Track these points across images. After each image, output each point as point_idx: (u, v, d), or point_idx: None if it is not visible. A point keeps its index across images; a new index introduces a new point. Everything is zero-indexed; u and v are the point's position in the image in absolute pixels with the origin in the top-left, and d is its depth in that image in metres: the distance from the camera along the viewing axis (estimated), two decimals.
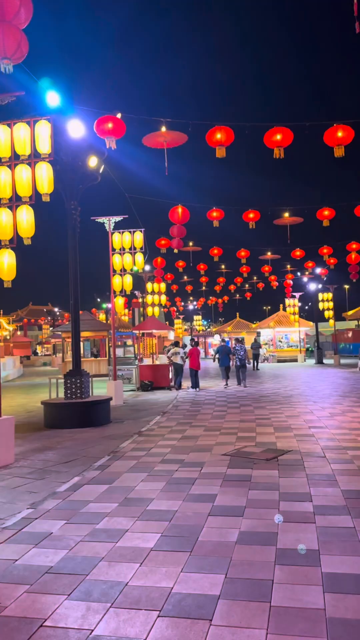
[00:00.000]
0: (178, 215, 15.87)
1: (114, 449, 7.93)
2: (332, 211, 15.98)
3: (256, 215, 16.08)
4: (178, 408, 13.05)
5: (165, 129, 10.04)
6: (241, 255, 23.26)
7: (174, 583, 3.45)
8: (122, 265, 14.51)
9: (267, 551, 3.90)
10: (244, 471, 6.30)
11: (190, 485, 5.76)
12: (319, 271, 31.80)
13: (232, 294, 47.79)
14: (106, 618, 3.05)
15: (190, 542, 4.14)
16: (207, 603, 3.17)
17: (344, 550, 3.88)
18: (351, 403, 12.72)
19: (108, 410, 10.74)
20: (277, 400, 14.03)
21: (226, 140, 9.69)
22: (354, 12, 5.42)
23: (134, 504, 5.17)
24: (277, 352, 38.88)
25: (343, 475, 5.99)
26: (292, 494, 5.31)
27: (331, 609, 3.06)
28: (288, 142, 9.72)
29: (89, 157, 10.64)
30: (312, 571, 3.55)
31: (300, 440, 8.22)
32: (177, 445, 8.08)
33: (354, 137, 9.64)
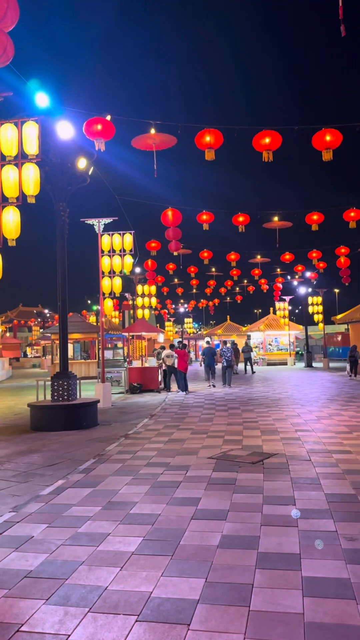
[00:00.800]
0: (169, 218, 15.87)
1: (100, 452, 7.88)
2: (320, 215, 16.06)
3: (246, 219, 16.12)
4: (166, 411, 13.03)
5: (154, 131, 10.04)
6: (231, 258, 23.31)
7: (153, 587, 3.43)
8: (111, 268, 14.48)
9: (249, 555, 3.89)
10: (229, 474, 6.29)
11: (174, 488, 5.74)
12: (309, 275, 31.94)
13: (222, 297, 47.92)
14: (84, 623, 3.02)
15: (172, 546, 4.12)
16: (186, 607, 3.15)
17: (325, 554, 3.88)
18: (338, 406, 12.77)
19: (95, 413, 10.68)
20: (266, 403, 14.05)
21: (215, 143, 9.71)
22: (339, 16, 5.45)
23: (117, 507, 5.14)
24: (267, 355, 38.94)
25: (327, 479, 6.00)
26: (276, 498, 5.31)
27: (310, 613, 3.05)
28: (277, 145, 9.76)
29: (78, 159, 10.61)
30: (293, 575, 3.54)
31: (286, 443, 8.23)
32: (164, 449, 8.05)
33: (342, 141, 9.69)
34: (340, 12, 5.45)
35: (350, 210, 15.48)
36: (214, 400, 15.25)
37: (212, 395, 16.84)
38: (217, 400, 15.05)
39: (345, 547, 3.99)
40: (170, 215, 15.21)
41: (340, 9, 5.44)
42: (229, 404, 14.03)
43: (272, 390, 17.84)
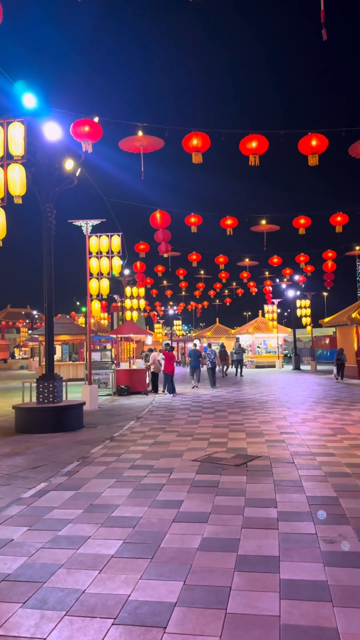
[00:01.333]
0: (157, 220, 15.88)
1: (84, 455, 7.86)
2: (308, 219, 16.16)
3: (234, 222, 16.17)
4: (153, 413, 13.01)
5: (141, 134, 10.05)
6: (219, 261, 23.37)
7: (131, 590, 3.42)
8: (99, 269, 14.45)
9: (228, 558, 3.90)
10: (212, 477, 6.30)
11: (157, 491, 5.74)
12: (297, 278, 32.11)
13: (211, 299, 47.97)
14: (60, 626, 3.01)
15: (152, 548, 4.11)
16: (163, 610, 3.15)
17: (304, 557, 3.90)
18: (324, 409, 12.85)
19: (81, 415, 10.64)
20: (252, 406, 14.09)
21: (202, 146, 9.74)
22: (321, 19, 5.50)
23: (98, 510, 5.12)
24: (256, 357, 39.06)
25: (309, 481, 6.03)
26: (258, 500, 5.32)
27: (286, 615, 3.06)
28: (263, 149, 9.81)
29: (66, 160, 10.59)
30: (271, 578, 3.56)
31: (270, 446, 8.26)
32: (148, 451, 8.04)
33: (327, 146, 9.77)
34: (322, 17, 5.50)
35: (336, 215, 15.60)
36: (201, 402, 15.26)
37: (199, 397, 16.85)
38: (205, 403, 15.06)
39: (325, 550, 4.01)
40: (158, 218, 15.23)
41: (322, 13, 5.49)
42: (216, 406, 14.05)
43: (260, 393, 17.90)
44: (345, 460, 7.11)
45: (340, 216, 15.58)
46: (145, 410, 13.66)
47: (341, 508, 5.02)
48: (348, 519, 4.70)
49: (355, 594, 3.32)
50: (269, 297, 37.05)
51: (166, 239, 16.52)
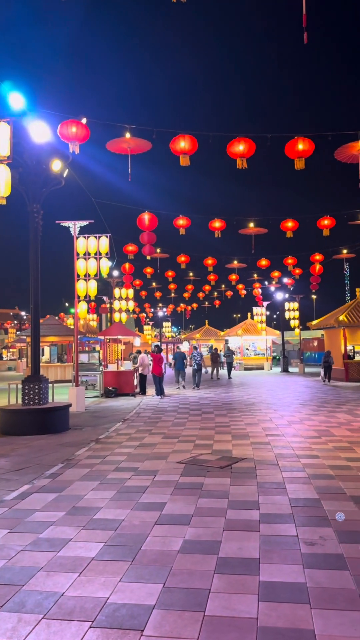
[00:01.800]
0: (145, 222, 15.89)
1: (69, 457, 7.82)
2: (295, 223, 16.26)
3: (222, 225, 16.21)
4: (140, 415, 12.99)
5: (129, 136, 10.05)
6: (208, 263, 23.42)
7: (110, 593, 3.42)
8: (86, 271, 14.41)
9: (208, 560, 3.90)
10: (196, 479, 6.31)
11: (141, 493, 5.73)
12: (286, 281, 32.28)
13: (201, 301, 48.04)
14: (37, 630, 2.99)
15: (132, 551, 4.11)
16: (142, 613, 3.15)
17: (284, 559, 3.91)
18: (310, 411, 12.91)
19: (67, 417, 10.60)
20: (239, 408, 14.12)
21: (190, 149, 9.76)
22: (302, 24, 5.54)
23: (81, 512, 5.10)
24: (244, 360, 39.17)
25: (293, 483, 6.06)
26: (241, 502, 5.34)
27: (263, 617, 3.07)
28: (251, 153, 9.85)
29: (53, 161, 10.55)
30: (250, 580, 3.57)
31: (256, 447, 8.28)
32: (134, 453, 8.03)
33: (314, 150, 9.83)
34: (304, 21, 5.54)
35: (323, 218, 15.71)
36: (189, 404, 15.27)
37: (187, 399, 16.86)
38: (192, 405, 15.07)
39: (305, 552, 4.03)
40: (146, 219, 15.22)
41: (304, 17, 5.54)
42: (203, 408, 14.06)
43: (247, 395, 17.95)
44: (329, 462, 7.15)
45: (327, 220, 15.69)
46: (132, 412, 13.64)
47: (323, 510, 5.05)
48: (329, 521, 4.73)
49: (333, 595, 3.34)
50: (258, 300, 37.20)
51: (151, 242, 16.53)
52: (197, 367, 21.06)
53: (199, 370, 21.09)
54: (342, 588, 3.43)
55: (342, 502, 5.32)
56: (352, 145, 10.12)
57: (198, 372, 21.07)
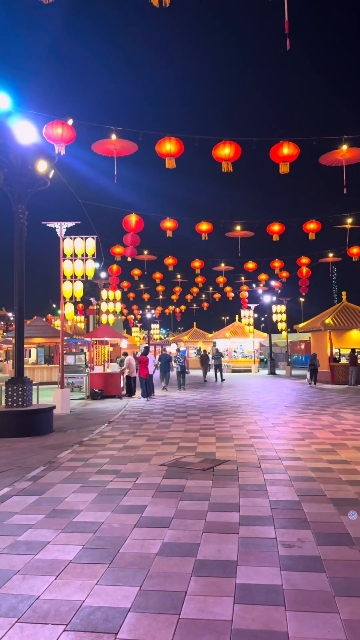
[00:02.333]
0: (131, 223, 15.88)
1: (51, 459, 7.78)
2: (281, 226, 16.35)
3: (209, 227, 16.26)
4: (125, 417, 12.97)
5: (115, 137, 10.04)
6: (195, 265, 23.45)
7: (86, 596, 3.40)
8: (72, 272, 14.36)
9: (186, 562, 3.90)
10: (178, 482, 6.30)
11: (122, 496, 5.72)
12: (273, 284, 32.43)
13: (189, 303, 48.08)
14: (10, 634, 2.97)
15: (111, 554, 4.10)
16: (117, 616, 3.14)
17: (261, 561, 3.92)
18: (295, 414, 12.98)
19: (50, 419, 10.54)
20: (225, 410, 14.15)
21: (176, 151, 9.78)
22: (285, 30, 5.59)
23: (60, 515, 5.08)
24: (232, 362, 39.24)
25: (274, 485, 6.08)
26: (222, 505, 5.34)
27: (238, 620, 3.08)
28: (236, 156, 9.90)
29: (39, 161, 10.51)
30: (227, 582, 3.57)
31: (239, 450, 8.30)
32: (117, 456, 8.01)
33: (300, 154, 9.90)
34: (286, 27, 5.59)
35: (309, 222, 15.81)
36: (175, 406, 15.26)
37: (173, 401, 16.85)
38: (178, 407, 15.07)
39: (282, 554, 4.05)
40: (132, 221, 15.21)
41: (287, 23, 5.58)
42: (188, 411, 14.07)
43: (233, 397, 17.99)
44: (311, 464, 7.19)
45: (313, 223, 15.80)
46: (118, 414, 13.60)
47: (302, 512, 5.07)
48: (308, 524, 4.75)
49: (308, 597, 3.35)
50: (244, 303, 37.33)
51: (135, 243, 16.52)
52: (180, 369, 21.70)
53: (182, 372, 21.71)
54: (317, 590, 3.45)
55: (322, 504, 5.35)
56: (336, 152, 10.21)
57: (182, 373, 21.69)
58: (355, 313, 24.34)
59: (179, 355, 22.56)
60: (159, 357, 23.08)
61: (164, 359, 22.47)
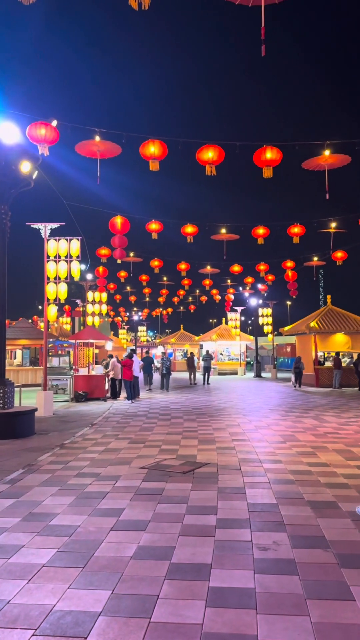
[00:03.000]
0: (117, 225, 15.85)
1: (31, 462, 7.72)
2: (266, 229, 16.44)
3: (194, 230, 16.28)
4: (108, 420, 12.91)
5: (99, 139, 10.02)
6: (181, 268, 23.47)
7: (57, 600, 3.38)
8: (57, 273, 14.29)
9: (160, 566, 3.89)
10: (157, 484, 6.29)
11: (100, 499, 5.69)
12: (259, 287, 32.57)
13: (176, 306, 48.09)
14: None
15: (85, 557, 4.07)
16: (87, 620, 3.12)
17: (235, 564, 3.93)
18: (278, 416, 13.03)
19: (32, 422, 10.46)
20: (209, 412, 14.15)
21: (160, 154, 9.78)
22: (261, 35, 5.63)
23: (37, 519, 5.04)
24: (218, 364, 39.29)
25: (253, 488, 6.09)
26: (200, 507, 5.34)
27: (209, 623, 3.08)
28: (220, 160, 9.93)
29: (22, 162, 10.44)
30: (200, 586, 3.57)
31: (220, 452, 8.31)
32: (97, 459, 7.97)
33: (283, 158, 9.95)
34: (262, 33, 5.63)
35: (293, 226, 15.91)
36: (159, 409, 15.24)
37: (157, 403, 16.82)
38: (162, 410, 15.04)
39: (257, 557, 4.06)
40: (118, 223, 15.19)
41: (263, 29, 5.63)
42: (172, 413, 14.05)
43: (218, 400, 18.00)
44: (291, 467, 7.22)
45: (297, 227, 15.90)
46: (101, 417, 13.54)
47: (280, 515, 5.09)
48: (285, 526, 4.77)
49: (280, 600, 3.36)
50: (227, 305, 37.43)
51: (122, 245, 16.48)
52: (165, 371, 22.25)
53: (167, 374, 22.27)
54: (289, 593, 3.46)
55: (299, 507, 5.37)
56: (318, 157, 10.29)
57: (167, 375, 22.24)
58: (340, 317, 24.53)
59: (164, 358, 22.91)
60: (143, 359, 23.08)
61: (147, 361, 23.00)
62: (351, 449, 8.62)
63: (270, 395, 19.80)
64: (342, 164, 11.39)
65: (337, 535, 4.53)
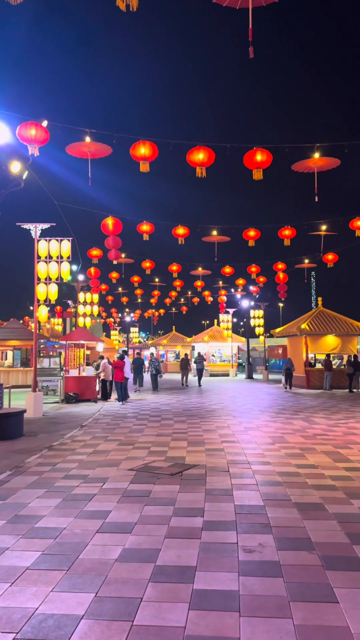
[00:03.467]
0: (109, 226, 15.83)
1: (18, 464, 7.67)
2: (257, 232, 16.47)
3: (186, 231, 16.29)
4: (98, 421, 12.87)
5: (89, 140, 10.00)
6: (173, 269, 23.47)
7: (40, 603, 3.36)
8: (47, 274, 14.24)
9: (145, 568, 3.88)
10: (145, 486, 6.27)
11: (87, 501, 5.67)
12: (251, 289, 32.64)
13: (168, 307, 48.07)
14: None
15: (70, 560, 4.05)
16: (69, 623, 3.10)
17: (220, 567, 3.92)
18: (268, 418, 13.05)
19: (21, 423, 10.41)
20: (200, 414, 14.15)
21: (150, 155, 9.78)
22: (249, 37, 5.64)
23: (22, 521, 5.01)
24: (210, 366, 39.31)
25: (240, 490, 6.09)
26: (186, 509, 5.33)
27: (191, 626, 3.07)
28: (210, 161, 9.94)
29: (12, 162, 10.41)
30: (183, 588, 3.56)
31: (209, 454, 8.30)
32: (86, 460, 7.94)
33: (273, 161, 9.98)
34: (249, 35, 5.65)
35: (284, 228, 15.97)
36: (149, 410, 15.21)
37: (148, 405, 16.79)
38: (152, 411, 15.02)
39: (242, 559, 4.06)
40: (110, 224, 15.17)
41: (250, 31, 5.64)
42: (163, 415, 14.03)
43: (209, 401, 18.00)
44: (279, 469, 7.23)
45: (288, 230, 15.96)
46: (91, 418, 13.49)
47: (266, 517, 5.09)
48: (271, 528, 4.77)
49: (264, 603, 3.36)
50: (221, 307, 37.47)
51: (117, 246, 16.46)
52: (155, 371, 22.70)
53: (156, 374, 22.79)
54: (273, 595, 3.46)
55: (286, 509, 5.38)
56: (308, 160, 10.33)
57: (156, 376, 22.75)
58: (331, 319, 24.63)
59: (154, 360, 23.29)
60: (133, 361, 23.17)
61: (137, 362, 23.49)
62: (339, 450, 8.65)
63: (261, 397, 19.83)
64: (331, 166, 11.45)
65: (322, 537, 4.54)
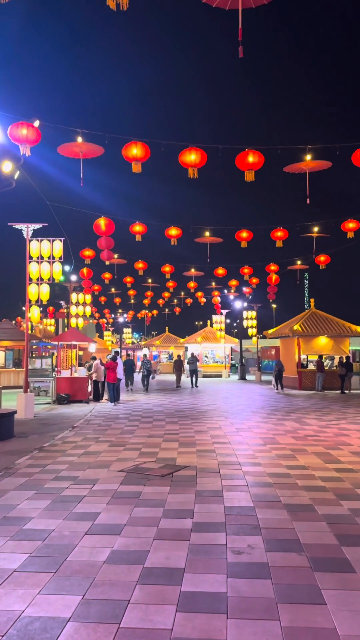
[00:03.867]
0: (101, 227, 15.79)
1: (8, 466, 7.63)
2: (250, 233, 16.50)
3: (178, 232, 16.28)
4: (89, 422, 12.83)
5: (81, 140, 9.97)
6: (165, 270, 23.44)
7: (26, 606, 3.33)
8: (39, 274, 14.18)
9: (133, 570, 3.86)
10: (135, 488, 6.26)
11: (76, 503, 5.64)
12: (244, 290, 32.69)
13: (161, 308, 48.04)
14: None
15: (57, 562, 4.03)
16: (55, 626, 3.08)
17: (209, 569, 3.91)
18: (259, 419, 13.06)
19: (11, 424, 10.35)
20: (192, 415, 14.14)
21: (142, 156, 9.77)
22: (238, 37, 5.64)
23: (10, 523, 4.97)
24: (203, 367, 39.30)
25: (230, 491, 6.09)
26: (176, 511, 5.32)
27: (178, 628, 3.06)
28: (202, 162, 9.94)
29: (3, 162, 10.35)
30: (171, 590, 3.55)
31: (200, 455, 8.30)
32: (76, 462, 7.91)
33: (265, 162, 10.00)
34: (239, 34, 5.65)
35: (277, 230, 16.01)
36: (141, 411, 15.18)
37: (140, 406, 16.76)
38: (144, 412, 14.99)
39: (231, 561, 4.05)
40: (102, 225, 15.14)
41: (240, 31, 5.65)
42: (155, 416, 14.01)
43: (201, 402, 17.99)
44: (270, 470, 7.24)
45: (280, 231, 16.00)
46: (82, 419, 13.45)
47: (255, 518, 5.09)
48: (260, 530, 4.77)
49: (251, 605, 3.35)
50: (217, 308, 37.51)
51: (109, 247, 16.43)
52: (146, 372, 23.16)
53: (147, 375, 23.25)
54: (261, 597, 3.46)
55: (275, 510, 5.38)
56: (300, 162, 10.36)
57: (147, 377, 23.19)
58: (323, 320, 24.71)
59: (145, 361, 23.61)
60: (124, 362, 23.13)
61: (128, 363, 23.57)
62: (330, 451, 8.67)
63: (253, 398, 19.85)
64: (323, 168, 11.48)
65: (311, 538, 4.54)
